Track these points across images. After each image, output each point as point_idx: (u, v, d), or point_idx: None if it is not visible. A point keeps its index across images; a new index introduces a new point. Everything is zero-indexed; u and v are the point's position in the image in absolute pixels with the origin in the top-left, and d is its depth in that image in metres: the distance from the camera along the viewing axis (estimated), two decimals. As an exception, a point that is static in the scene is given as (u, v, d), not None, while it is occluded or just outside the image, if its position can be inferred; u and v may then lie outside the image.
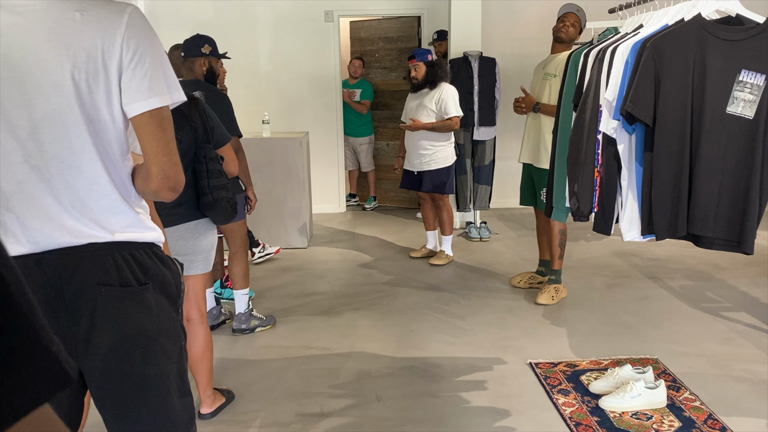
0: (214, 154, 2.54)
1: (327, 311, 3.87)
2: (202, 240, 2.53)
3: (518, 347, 3.30)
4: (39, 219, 1.25)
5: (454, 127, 4.55)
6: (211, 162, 2.51)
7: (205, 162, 2.49)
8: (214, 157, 2.53)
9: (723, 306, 3.85)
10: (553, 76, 3.90)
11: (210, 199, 2.47)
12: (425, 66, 4.55)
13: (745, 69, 2.35)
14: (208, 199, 2.47)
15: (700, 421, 2.55)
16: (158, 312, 1.35)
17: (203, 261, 2.54)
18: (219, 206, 2.49)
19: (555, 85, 3.88)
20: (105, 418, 1.38)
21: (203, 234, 2.53)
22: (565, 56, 3.88)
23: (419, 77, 4.57)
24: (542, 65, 4.08)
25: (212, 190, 2.48)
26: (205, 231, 2.54)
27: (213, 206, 2.49)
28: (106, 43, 1.23)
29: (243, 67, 6.07)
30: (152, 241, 1.36)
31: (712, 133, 2.42)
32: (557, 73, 3.87)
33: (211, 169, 2.49)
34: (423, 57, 4.57)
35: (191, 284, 2.51)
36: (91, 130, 1.25)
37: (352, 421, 2.63)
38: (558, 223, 3.83)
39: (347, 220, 6.36)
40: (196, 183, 2.50)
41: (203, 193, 2.48)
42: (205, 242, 2.54)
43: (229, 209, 2.54)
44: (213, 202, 2.48)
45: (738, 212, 2.43)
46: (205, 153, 2.51)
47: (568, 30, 3.90)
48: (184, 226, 2.48)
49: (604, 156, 2.74)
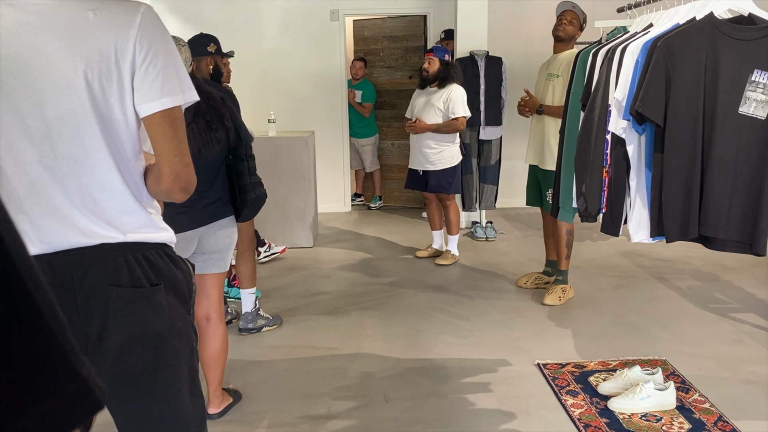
0: (252, 152, 2.62)
1: (333, 311, 3.86)
2: (232, 238, 2.57)
3: (526, 348, 3.28)
4: (51, 219, 1.24)
5: (459, 127, 4.54)
6: (251, 159, 2.60)
7: (246, 159, 2.58)
8: (253, 155, 2.62)
9: (731, 307, 3.83)
10: (556, 76, 3.89)
11: (253, 195, 2.56)
12: (440, 63, 4.54)
13: (757, 69, 2.33)
14: (251, 195, 2.56)
15: (711, 423, 2.53)
16: (170, 313, 1.34)
17: (227, 259, 2.57)
18: (260, 201, 2.60)
19: (558, 85, 3.87)
20: (116, 418, 1.38)
21: (232, 231, 2.56)
22: (567, 55, 3.88)
23: (431, 71, 4.56)
24: (545, 66, 4.07)
25: (254, 186, 2.57)
26: (233, 228, 2.57)
27: (255, 202, 2.58)
28: (119, 43, 1.22)
29: (249, 65, 6.06)
30: (164, 241, 1.35)
31: (724, 133, 2.40)
32: (560, 73, 3.86)
33: (251, 166, 2.59)
34: (441, 54, 4.57)
35: (213, 283, 2.52)
36: (104, 129, 1.24)
37: (360, 422, 2.62)
38: (565, 224, 3.81)
39: (353, 219, 6.35)
40: (237, 180, 2.55)
41: (246, 190, 2.56)
42: (233, 240, 2.58)
43: (262, 204, 2.66)
44: (255, 199, 2.58)
45: (750, 214, 2.41)
46: (246, 150, 2.59)
47: (566, 28, 3.89)
48: (218, 223, 2.50)
49: (613, 156, 2.73)
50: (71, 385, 0.35)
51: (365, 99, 6.55)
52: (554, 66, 3.94)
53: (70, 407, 0.35)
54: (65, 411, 0.34)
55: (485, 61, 5.34)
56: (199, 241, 2.46)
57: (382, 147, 6.80)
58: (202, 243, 2.47)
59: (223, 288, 2.61)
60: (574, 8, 3.91)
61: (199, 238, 2.46)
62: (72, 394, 0.35)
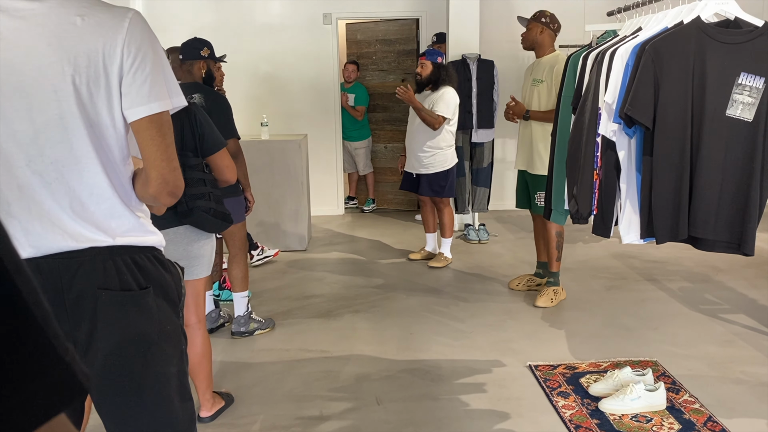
0: (194, 162, 2.44)
1: (326, 314, 3.87)
2: (196, 246, 2.47)
3: (518, 350, 3.30)
4: (40, 223, 1.25)
5: (435, 124, 4.48)
6: (189, 170, 2.41)
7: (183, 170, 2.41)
8: (193, 166, 2.43)
9: (722, 308, 3.85)
10: (540, 81, 3.95)
11: (185, 207, 2.39)
12: (432, 66, 4.56)
13: (744, 72, 2.36)
14: (182, 207, 2.39)
15: (700, 423, 2.55)
16: (159, 316, 1.34)
17: (199, 266, 2.50)
18: (196, 215, 2.41)
19: (543, 90, 3.92)
20: (105, 421, 1.38)
21: (196, 239, 2.47)
22: (548, 59, 3.95)
23: (423, 74, 4.57)
24: (529, 70, 4.13)
25: (188, 199, 2.39)
26: (198, 236, 2.48)
27: (189, 215, 2.41)
28: (107, 48, 1.22)
29: (242, 69, 6.07)
30: (153, 245, 1.36)
31: (711, 136, 2.42)
32: (544, 78, 3.93)
33: (188, 177, 2.38)
34: (433, 57, 4.58)
35: (190, 290, 2.50)
36: (91, 134, 1.25)
37: (352, 424, 2.62)
38: (555, 226, 3.84)
39: (346, 222, 6.36)
40: None
41: (179, 202, 2.36)
42: (202, 248, 2.49)
43: (211, 219, 2.45)
44: (188, 211, 2.40)
45: (739, 214, 2.43)
46: (184, 161, 2.36)
47: (526, 40, 4.01)
48: (173, 230, 2.41)
49: (604, 159, 2.75)
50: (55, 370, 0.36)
51: (358, 102, 6.56)
52: (537, 71, 4.00)
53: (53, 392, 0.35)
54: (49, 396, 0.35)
55: (477, 64, 5.37)
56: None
57: (375, 150, 6.81)
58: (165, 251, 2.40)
59: (203, 294, 2.57)
60: (528, 20, 4.01)
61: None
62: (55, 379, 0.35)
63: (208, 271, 2.56)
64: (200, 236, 2.49)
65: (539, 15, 3.99)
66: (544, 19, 3.96)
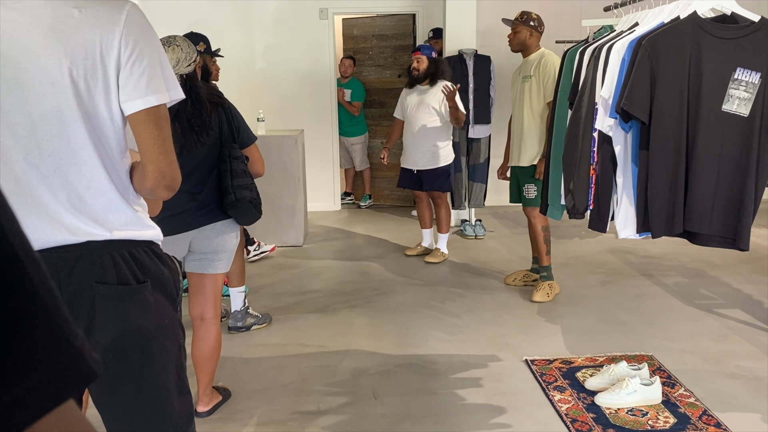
0: (239, 153, 2.52)
1: (323, 309, 3.87)
2: (227, 240, 2.50)
3: (514, 344, 3.31)
4: (37, 217, 1.24)
5: (462, 121, 4.55)
6: (236, 161, 2.48)
7: (229, 161, 2.47)
8: (239, 157, 2.50)
9: (717, 303, 3.87)
10: (529, 77, 3.99)
11: (233, 198, 2.44)
12: (428, 60, 4.56)
13: (740, 67, 2.36)
14: (230, 198, 2.44)
15: (695, 417, 2.56)
16: (157, 310, 1.34)
17: (225, 261, 2.52)
18: (242, 206, 2.47)
19: (534, 85, 3.98)
20: (103, 415, 1.38)
21: (227, 234, 2.50)
22: (535, 56, 4.01)
23: (421, 69, 4.58)
24: (518, 71, 4.15)
25: (235, 189, 2.45)
26: (230, 231, 2.51)
27: (236, 206, 2.46)
28: (104, 41, 1.22)
29: (238, 64, 6.05)
30: (151, 239, 1.36)
31: (707, 130, 2.43)
32: (532, 73, 3.97)
33: (235, 168, 2.47)
34: (428, 52, 4.59)
35: (211, 283, 2.51)
36: (89, 127, 1.25)
37: (349, 418, 2.63)
38: (540, 220, 3.91)
39: (342, 218, 6.36)
40: (220, 182, 2.47)
41: (226, 193, 2.45)
42: (230, 242, 2.52)
43: (252, 209, 2.51)
44: (236, 202, 2.45)
45: (734, 209, 2.44)
46: (230, 152, 2.48)
47: (512, 42, 4.05)
48: (210, 226, 2.45)
49: (600, 154, 2.75)
50: (64, 355, 0.35)
51: (354, 98, 6.55)
52: (525, 68, 4.04)
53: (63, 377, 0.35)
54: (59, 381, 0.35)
55: (474, 59, 5.36)
56: (192, 243, 2.45)
57: (371, 146, 6.80)
58: (194, 245, 2.45)
59: (220, 289, 2.60)
60: (513, 21, 4.03)
61: (190, 240, 2.45)
62: (65, 363, 0.35)
63: (229, 267, 2.56)
64: (231, 231, 2.52)
65: (527, 18, 4.00)
66: (533, 23, 4.00)
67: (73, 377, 0.36)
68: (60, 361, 0.35)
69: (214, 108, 2.48)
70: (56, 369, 0.35)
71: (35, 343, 0.34)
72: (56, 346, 0.35)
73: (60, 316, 0.36)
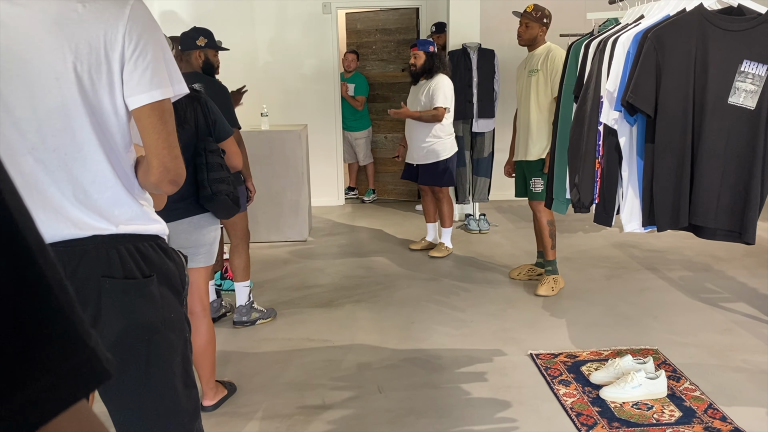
0: (215, 146, 2.52)
1: (327, 303, 3.87)
2: (205, 234, 2.51)
3: (519, 338, 3.31)
4: (43, 211, 1.24)
5: (438, 117, 4.51)
6: (211, 155, 2.48)
7: (205, 155, 2.47)
8: (215, 150, 2.50)
9: (722, 297, 3.86)
10: (536, 71, 3.97)
11: (209, 192, 2.45)
12: (425, 55, 4.56)
13: (746, 59, 2.35)
14: (206, 192, 2.45)
15: (701, 410, 2.56)
16: (163, 304, 1.35)
17: (205, 254, 2.53)
18: (218, 199, 2.47)
19: (540, 79, 3.96)
20: (110, 409, 1.38)
21: (205, 228, 2.51)
22: (542, 50, 3.99)
23: (418, 65, 4.58)
24: (523, 65, 4.13)
25: (211, 183, 2.45)
26: (208, 225, 2.52)
27: (212, 199, 2.47)
28: (109, 35, 1.22)
29: (241, 59, 6.04)
30: (157, 233, 1.36)
31: (713, 123, 2.42)
32: (539, 67, 3.95)
33: (210, 161, 2.47)
34: (424, 47, 4.59)
35: (193, 277, 2.51)
36: (93, 122, 1.25)
37: (354, 412, 2.63)
38: (545, 215, 3.90)
39: (346, 212, 6.36)
40: (196, 176, 2.47)
41: (202, 186, 2.45)
42: (208, 236, 2.53)
43: (230, 203, 2.52)
44: (212, 195, 2.46)
45: (740, 203, 2.43)
46: (205, 146, 2.48)
47: (523, 35, 4.02)
48: (187, 220, 2.46)
49: (605, 147, 2.74)
50: (79, 355, 0.35)
51: (358, 92, 6.54)
52: (532, 62, 4.02)
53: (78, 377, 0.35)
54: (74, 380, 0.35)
55: (477, 53, 5.35)
56: (170, 237, 2.44)
57: (375, 140, 6.79)
58: (173, 240, 2.42)
59: (207, 282, 2.60)
60: (524, 14, 4.00)
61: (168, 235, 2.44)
62: (80, 364, 0.35)
63: (212, 260, 2.57)
64: (209, 224, 2.53)
65: (541, 15, 3.97)
66: (546, 20, 3.98)
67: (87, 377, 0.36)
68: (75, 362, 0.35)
69: (189, 102, 2.47)
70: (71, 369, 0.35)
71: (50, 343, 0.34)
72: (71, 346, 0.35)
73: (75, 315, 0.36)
